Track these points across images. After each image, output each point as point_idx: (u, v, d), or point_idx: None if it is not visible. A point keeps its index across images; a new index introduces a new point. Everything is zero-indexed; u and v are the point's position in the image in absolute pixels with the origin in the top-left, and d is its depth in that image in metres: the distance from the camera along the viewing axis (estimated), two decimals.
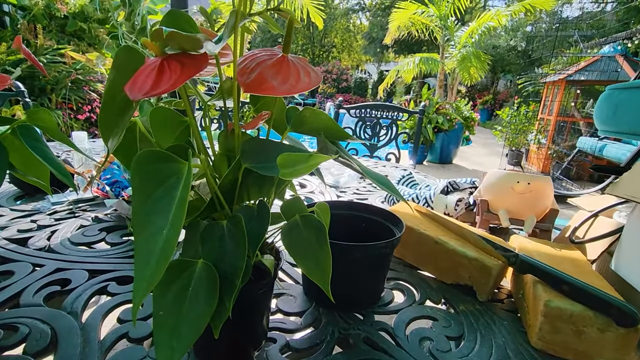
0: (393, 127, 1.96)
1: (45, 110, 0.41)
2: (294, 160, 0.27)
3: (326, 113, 0.34)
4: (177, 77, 0.23)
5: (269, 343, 0.39)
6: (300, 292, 0.49)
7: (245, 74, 0.29)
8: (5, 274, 0.48)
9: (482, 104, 11.74)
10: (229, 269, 0.27)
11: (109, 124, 0.27)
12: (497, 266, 0.49)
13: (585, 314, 0.39)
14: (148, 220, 0.23)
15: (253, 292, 0.33)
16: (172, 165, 0.24)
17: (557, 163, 4.40)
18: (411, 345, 0.40)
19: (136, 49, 0.25)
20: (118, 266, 0.51)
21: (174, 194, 0.23)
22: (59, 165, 0.45)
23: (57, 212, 0.69)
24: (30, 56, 0.47)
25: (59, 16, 4.17)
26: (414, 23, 6.52)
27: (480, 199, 0.70)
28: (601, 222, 0.59)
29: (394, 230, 0.50)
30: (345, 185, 1.03)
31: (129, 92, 0.23)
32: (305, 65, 0.31)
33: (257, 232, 0.29)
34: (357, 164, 0.34)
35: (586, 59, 4.57)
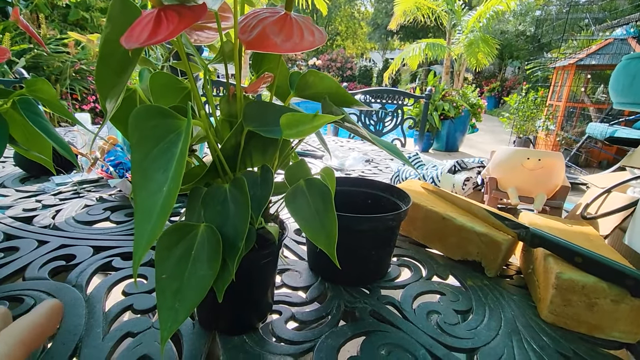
0: (398, 112, 1.93)
1: (44, 81, 0.41)
2: (298, 121, 0.26)
3: (331, 77, 0.33)
4: (175, 26, 0.21)
5: (274, 315, 0.38)
6: (306, 268, 0.48)
7: (247, 31, 0.28)
8: (10, 250, 0.48)
9: (489, 91, 11.56)
10: (232, 232, 0.26)
11: (106, 83, 0.26)
12: (506, 241, 0.48)
13: (599, 285, 0.38)
14: (148, 178, 0.22)
15: (257, 261, 0.33)
16: (171, 121, 0.23)
17: (565, 150, 4.34)
18: (418, 318, 0.40)
19: (131, 1, 0.24)
20: (122, 243, 0.51)
21: (174, 150, 0.22)
22: (60, 141, 0.44)
23: (62, 192, 0.69)
24: (28, 28, 0.46)
25: (61, 5, 4.16)
26: (420, 8, 6.39)
27: (489, 177, 0.68)
28: (614, 198, 0.57)
29: (401, 205, 0.49)
30: (351, 167, 1.02)
31: (124, 42, 0.21)
32: (309, 24, 0.29)
33: (260, 196, 0.28)
34: (363, 131, 0.33)
35: (597, 43, 4.45)
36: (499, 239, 0.48)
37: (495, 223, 0.50)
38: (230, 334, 0.34)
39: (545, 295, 0.41)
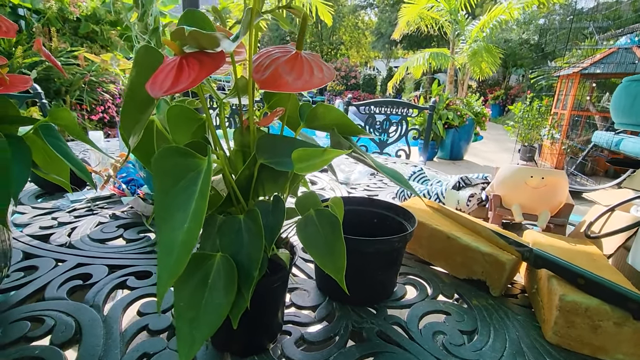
0: (403, 123, 1.95)
1: (66, 110, 0.43)
2: (309, 155, 0.28)
3: (338, 109, 0.35)
4: (196, 75, 0.23)
5: (284, 336, 0.39)
6: (314, 287, 0.49)
7: (260, 70, 0.29)
8: (30, 269, 0.50)
9: (493, 99, 11.56)
10: (247, 261, 0.27)
11: (130, 121, 0.27)
12: (510, 261, 0.48)
13: (602, 308, 0.39)
14: (169, 214, 0.23)
15: (269, 286, 0.34)
16: (191, 160, 0.25)
17: (571, 158, 4.32)
18: (424, 338, 0.41)
19: (155, 49, 0.26)
20: (136, 261, 0.53)
21: (194, 188, 0.24)
22: (79, 163, 0.47)
23: (76, 209, 0.71)
24: (50, 57, 0.49)
25: (72, 19, 4.26)
26: (423, 18, 6.45)
27: (493, 194, 0.69)
28: (617, 217, 0.58)
29: (406, 225, 0.50)
30: (356, 181, 1.03)
31: (150, 89, 0.23)
32: (318, 61, 0.31)
33: (273, 225, 0.29)
34: (370, 159, 0.35)
35: (602, 51, 4.46)
36: (503, 259, 0.49)
37: (500, 243, 0.51)
38: (243, 356, 0.36)
39: (549, 316, 0.42)
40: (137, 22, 0.84)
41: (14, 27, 0.45)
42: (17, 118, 0.44)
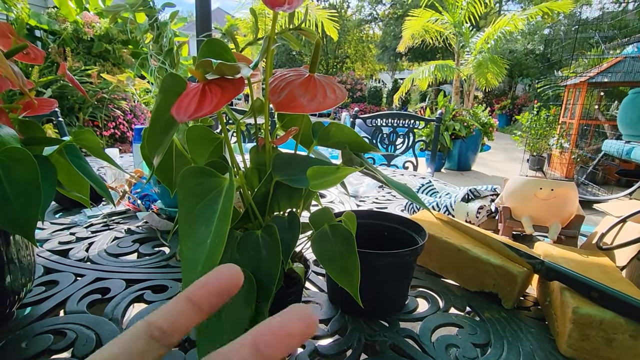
0: (410, 135, 1.96)
1: (90, 131, 0.45)
2: (323, 173, 0.29)
3: (350, 127, 0.36)
4: (219, 100, 0.25)
5: (298, 349, 0.40)
6: (326, 300, 0.50)
7: (276, 93, 0.31)
8: (50, 283, 0.51)
9: (500, 109, 11.54)
10: (265, 276, 0.28)
11: (155, 142, 0.29)
12: (522, 273, 0.49)
13: (616, 321, 0.39)
14: (192, 231, 0.25)
15: (284, 299, 0.35)
16: (213, 179, 0.26)
17: (581, 167, 4.27)
18: (437, 351, 0.41)
19: (179, 76, 0.28)
20: (152, 275, 0.54)
21: (216, 206, 0.25)
22: (99, 182, 0.49)
23: (93, 224, 0.73)
24: (74, 81, 0.51)
25: (86, 39, 4.41)
26: (428, 31, 6.52)
27: (502, 206, 0.70)
28: (630, 228, 0.58)
29: (417, 238, 0.51)
30: (364, 194, 1.04)
31: (175, 114, 0.25)
32: (330, 83, 0.33)
33: (288, 240, 0.30)
34: (380, 174, 0.36)
35: (608, 60, 4.45)
36: (514, 271, 0.49)
37: (510, 255, 0.51)
38: None
39: (563, 329, 0.42)
40: (153, 43, 0.88)
41: (42, 54, 0.48)
42: (43, 139, 0.46)
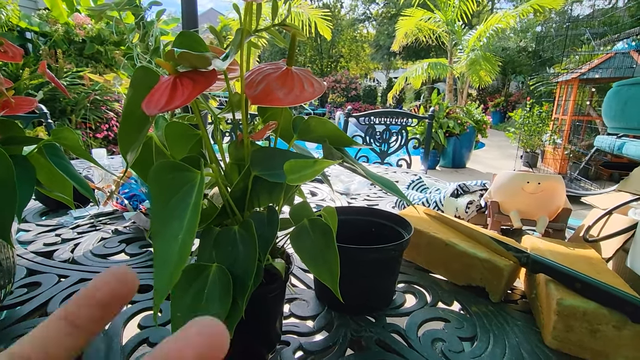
0: (403, 133, 1.96)
1: (69, 129, 0.44)
2: (300, 166, 0.29)
3: (331, 121, 0.36)
4: (189, 93, 0.25)
5: (283, 346, 0.40)
6: (313, 297, 0.49)
7: (253, 86, 0.31)
8: (33, 285, 0.50)
9: (493, 106, 11.61)
10: (242, 271, 0.28)
11: (128, 138, 0.29)
12: (508, 267, 0.49)
13: (600, 312, 0.39)
14: (165, 226, 0.24)
15: (265, 296, 0.35)
16: (186, 174, 0.26)
17: (574, 163, 4.30)
18: (423, 346, 0.41)
19: (151, 69, 0.27)
20: (137, 275, 0.53)
21: (189, 200, 0.25)
22: (81, 181, 0.48)
23: (80, 226, 0.72)
24: (54, 79, 0.51)
25: (78, 40, 4.37)
26: (421, 29, 6.54)
27: (490, 201, 0.70)
28: (616, 220, 0.58)
29: (403, 233, 0.51)
30: (356, 192, 1.04)
31: (145, 108, 0.25)
32: (308, 76, 0.32)
33: (267, 236, 0.30)
34: (362, 168, 0.36)
35: (599, 57, 4.49)
36: (501, 264, 0.49)
37: (497, 249, 0.51)
38: None
39: (548, 321, 0.42)
40: (139, 42, 0.87)
41: (20, 51, 0.47)
42: (22, 139, 0.45)
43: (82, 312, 0.12)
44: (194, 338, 0.11)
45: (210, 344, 0.11)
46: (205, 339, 0.11)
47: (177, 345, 0.11)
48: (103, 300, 0.12)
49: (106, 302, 0.12)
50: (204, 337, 0.11)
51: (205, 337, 0.11)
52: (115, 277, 0.13)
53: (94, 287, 0.12)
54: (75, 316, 0.12)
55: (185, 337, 0.11)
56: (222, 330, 0.11)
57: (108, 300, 0.12)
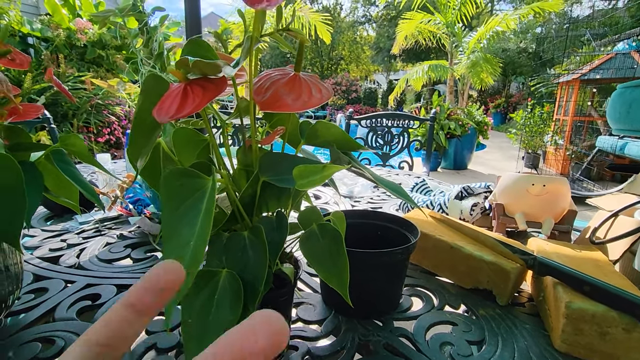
0: (405, 135, 1.96)
1: (76, 136, 0.45)
2: (309, 172, 0.29)
3: (337, 125, 0.36)
4: (200, 100, 0.25)
5: (291, 351, 0.40)
6: (319, 301, 0.49)
7: (261, 93, 0.31)
8: (40, 291, 0.51)
9: (494, 107, 11.61)
10: (252, 277, 0.28)
11: (138, 144, 0.29)
12: (515, 269, 0.48)
13: (609, 315, 0.38)
14: (176, 232, 0.24)
15: (274, 300, 0.35)
16: (197, 180, 0.26)
17: (576, 164, 4.29)
18: (432, 350, 0.40)
19: (161, 77, 0.27)
20: None
21: (200, 207, 0.25)
22: (87, 186, 0.48)
23: (85, 231, 0.72)
24: (60, 86, 0.51)
25: (79, 45, 4.39)
26: (421, 32, 6.56)
27: (495, 203, 0.70)
28: (622, 222, 0.58)
29: (409, 236, 0.51)
30: (359, 194, 1.04)
31: (156, 115, 0.25)
32: (316, 82, 0.33)
33: (276, 241, 0.30)
34: (369, 172, 0.36)
35: (600, 57, 4.49)
36: (507, 267, 0.49)
37: (503, 251, 0.51)
38: None
39: (556, 324, 0.42)
40: (143, 47, 0.88)
41: (27, 59, 0.48)
42: (30, 145, 0.45)
43: (145, 299, 0.14)
44: (261, 325, 0.12)
45: (277, 329, 0.12)
46: (271, 324, 0.12)
47: (244, 332, 0.12)
48: (159, 287, 0.14)
49: (165, 287, 0.14)
50: (269, 324, 0.12)
51: (270, 323, 0.12)
52: (170, 268, 0.15)
53: (156, 276, 0.14)
54: (140, 303, 0.14)
55: (252, 324, 0.12)
56: (281, 318, 0.12)
57: (165, 286, 0.14)
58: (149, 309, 0.14)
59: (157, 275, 0.14)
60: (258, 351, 0.11)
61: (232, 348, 0.11)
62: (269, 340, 0.11)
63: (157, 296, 0.14)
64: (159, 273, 0.14)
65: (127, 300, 0.14)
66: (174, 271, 0.15)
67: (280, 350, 0.12)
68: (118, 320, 0.14)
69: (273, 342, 0.11)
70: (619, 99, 0.93)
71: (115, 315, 0.14)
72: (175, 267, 0.15)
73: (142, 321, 0.14)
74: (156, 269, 0.15)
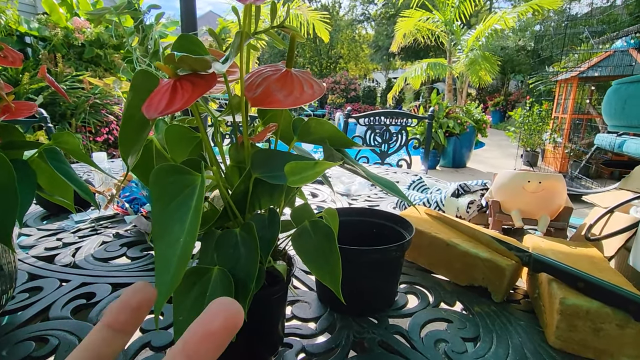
0: (403, 133, 1.96)
1: (69, 133, 0.44)
2: (301, 168, 0.29)
3: (330, 122, 0.36)
4: (189, 96, 0.25)
5: (285, 348, 0.40)
6: (315, 299, 0.49)
7: (252, 89, 0.31)
8: (34, 290, 0.50)
9: (493, 105, 11.62)
10: (243, 274, 0.28)
11: (128, 141, 0.29)
12: (510, 266, 0.49)
13: (603, 311, 0.38)
14: (166, 229, 0.24)
15: (267, 298, 0.34)
16: (187, 177, 0.26)
17: (575, 162, 4.30)
18: (426, 347, 0.40)
19: (151, 72, 0.27)
20: (139, 279, 0.53)
21: (190, 203, 0.25)
22: (82, 185, 0.48)
23: (81, 230, 0.72)
24: (54, 83, 0.51)
25: (77, 44, 4.38)
26: (420, 30, 6.56)
27: (491, 200, 0.70)
28: (617, 218, 0.58)
29: (405, 234, 0.51)
30: (356, 193, 1.04)
31: (145, 111, 0.25)
32: (308, 78, 0.32)
33: (268, 238, 0.30)
34: (362, 169, 0.36)
35: (598, 55, 4.49)
36: (502, 264, 0.49)
37: (499, 248, 0.51)
38: None
39: (551, 320, 0.42)
40: (138, 46, 0.87)
41: (20, 56, 0.47)
42: (22, 143, 0.45)
43: (120, 318, 0.15)
44: (216, 310, 0.14)
45: (231, 312, 0.14)
46: (226, 309, 0.14)
47: (203, 318, 0.14)
48: (136, 305, 0.15)
49: (137, 307, 0.15)
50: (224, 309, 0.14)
51: (225, 308, 0.14)
52: (139, 288, 0.16)
53: (126, 296, 0.15)
54: (116, 322, 0.15)
55: (209, 310, 0.14)
56: (236, 302, 0.14)
57: (138, 305, 0.15)
58: (125, 327, 0.15)
59: (127, 295, 0.16)
60: (215, 331, 0.13)
61: (195, 334, 0.13)
62: (225, 322, 0.13)
63: (131, 315, 0.15)
64: (128, 293, 0.16)
65: (104, 320, 0.15)
66: (143, 290, 0.16)
67: (237, 330, 0.14)
68: (97, 342, 0.15)
69: (228, 323, 0.13)
70: (614, 95, 0.93)
71: (94, 338, 0.15)
72: (144, 287, 0.16)
73: (121, 340, 0.15)
74: (128, 289, 0.16)
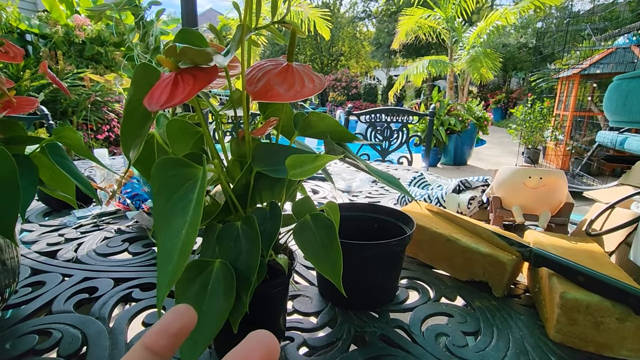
0: (404, 130, 1.96)
1: (70, 128, 0.44)
2: (302, 162, 0.29)
3: (331, 116, 0.36)
4: (190, 89, 0.25)
5: (287, 342, 0.40)
6: (316, 293, 0.50)
7: (253, 83, 0.31)
8: (37, 284, 0.51)
9: (494, 103, 11.58)
10: (245, 266, 0.28)
11: (130, 135, 0.29)
12: (511, 261, 0.49)
13: (603, 305, 0.39)
14: (168, 222, 0.24)
15: (269, 291, 0.35)
16: (188, 170, 0.26)
17: (576, 159, 4.29)
18: (427, 341, 0.41)
19: (152, 66, 0.27)
20: (141, 274, 0.54)
21: (191, 196, 0.25)
22: (84, 180, 0.48)
23: (83, 225, 0.73)
24: (55, 79, 0.51)
25: (78, 42, 4.37)
26: (421, 27, 6.53)
27: (492, 196, 0.70)
28: (618, 214, 0.58)
29: (406, 229, 0.51)
30: (358, 189, 1.04)
31: (147, 104, 0.25)
32: (309, 72, 0.32)
33: (269, 231, 0.30)
34: (364, 164, 0.36)
35: (600, 52, 4.47)
36: (503, 259, 0.49)
37: (500, 243, 0.51)
38: None
39: (551, 314, 0.42)
40: (139, 42, 0.87)
41: (21, 52, 0.48)
42: (24, 138, 0.45)
43: (160, 342, 0.15)
44: (255, 345, 0.14)
45: (270, 349, 0.14)
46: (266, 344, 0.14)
47: (243, 353, 0.14)
48: (176, 332, 0.16)
49: (177, 333, 0.16)
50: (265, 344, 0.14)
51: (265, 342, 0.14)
52: (181, 312, 0.16)
53: (167, 322, 0.16)
54: (155, 345, 0.15)
55: (248, 345, 0.14)
56: (274, 337, 0.14)
57: (178, 332, 0.16)
58: (164, 351, 0.15)
59: (168, 320, 0.16)
60: None
61: None
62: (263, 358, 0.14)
63: (169, 340, 0.15)
64: (169, 318, 0.16)
65: (145, 342, 0.15)
66: (184, 315, 0.16)
67: None
68: None
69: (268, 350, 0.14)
70: (615, 91, 0.93)
71: (134, 356, 0.15)
72: (186, 311, 0.16)
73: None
74: (169, 313, 0.16)
